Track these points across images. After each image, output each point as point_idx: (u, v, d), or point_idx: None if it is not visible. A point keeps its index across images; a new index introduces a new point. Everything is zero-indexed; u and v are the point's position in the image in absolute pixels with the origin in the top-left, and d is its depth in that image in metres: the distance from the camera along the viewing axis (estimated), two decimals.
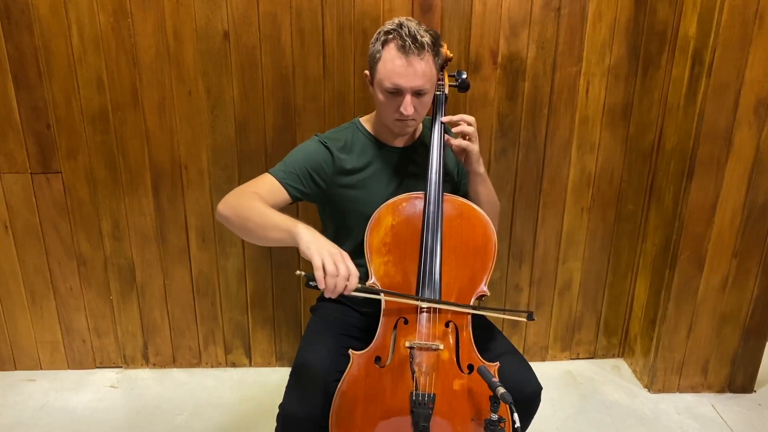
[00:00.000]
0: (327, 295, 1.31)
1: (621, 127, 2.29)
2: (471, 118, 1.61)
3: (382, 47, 1.51)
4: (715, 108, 2.04)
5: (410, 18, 1.55)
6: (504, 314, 1.55)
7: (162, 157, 2.21)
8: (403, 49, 1.47)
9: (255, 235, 1.46)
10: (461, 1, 2.09)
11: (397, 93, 1.52)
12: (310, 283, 1.30)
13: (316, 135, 1.68)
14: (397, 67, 1.48)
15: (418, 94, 1.52)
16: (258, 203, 1.49)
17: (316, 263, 1.29)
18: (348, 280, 1.31)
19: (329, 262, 1.29)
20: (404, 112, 1.52)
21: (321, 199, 1.70)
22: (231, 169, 2.24)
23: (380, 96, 1.55)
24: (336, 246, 1.33)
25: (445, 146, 1.64)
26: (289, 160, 1.64)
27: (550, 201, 2.37)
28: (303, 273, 1.33)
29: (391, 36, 1.49)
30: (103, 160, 2.21)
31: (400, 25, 1.49)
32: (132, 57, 2.09)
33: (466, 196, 1.70)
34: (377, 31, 1.54)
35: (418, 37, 1.47)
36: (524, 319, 1.58)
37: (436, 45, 1.52)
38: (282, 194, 1.60)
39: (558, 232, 2.42)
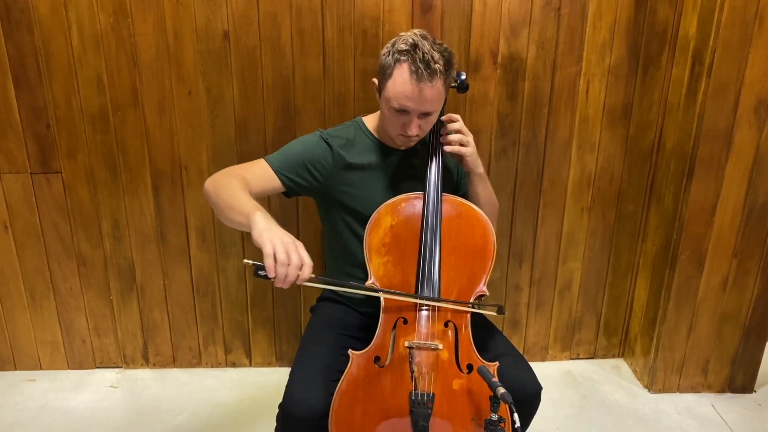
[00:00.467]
0: (277, 285, 1.26)
1: (621, 127, 2.29)
2: (458, 123, 1.61)
3: (394, 65, 1.48)
4: (715, 108, 2.04)
5: (425, 35, 1.51)
6: (473, 308, 1.54)
7: (162, 157, 2.21)
8: (416, 74, 1.45)
9: (223, 215, 1.46)
10: (461, 1, 2.09)
11: (403, 113, 1.52)
12: (259, 272, 1.25)
13: (318, 130, 1.69)
14: (407, 91, 1.47)
15: (424, 115, 1.53)
16: (236, 184, 1.48)
17: (267, 251, 1.24)
18: (300, 269, 1.27)
19: (281, 251, 1.24)
20: (409, 133, 1.53)
21: (319, 194, 1.70)
22: None
23: (386, 111, 1.55)
24: (290, 235, 1.30)
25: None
26: (286, 150, 1.64)
27: (550, 201, 2.37)
28: (251, 261, 1.27)
29: (404, 57, 1.46)
30: (103, 160, 2.21)
31: (415, 47, 1.45)
32: (132, 57, 2.09)
33: (465, 196, 1.70)
34: (391, 42, 1.52)
35: (431, 63, 1.44)
36: (494, 314, 1.57)
37: (449, 69, 1.50)
38: (274, 182, 1.59)
39: (558, 232, 2.42)
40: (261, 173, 1.59)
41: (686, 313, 2.30)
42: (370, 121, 1.73)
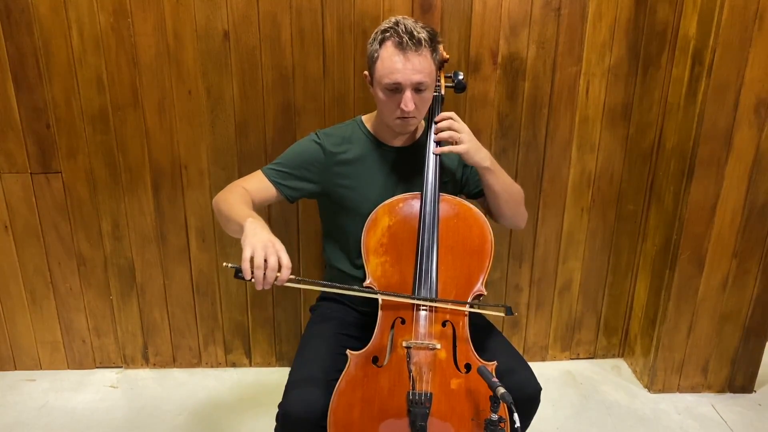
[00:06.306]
0: (258, 288, 1.31)
1: (621, 127, 2.29)
2: (447, 120, 1.58)
3: (380, 46, 1.51)
4: (715, 108, 2.03)
5: (407, 17, 1.55)
6: (479, 309, 1.54)
7: (162, 156, 2.22)
8: (401, 45, 1.47)
9: (226, 229, 1.53)
10: (461, 1, 2.09)
11: (397, 90, 1.52)
12: (238, 274, 1.31)
13: (315, 132, 1.70)
14: (395, 63, 1.49)
15: (417, 90, 1.52)
16: (235, 197, 1.55)
17: (245, 255, 1.29)
18: (279, 271, 1.31)
19: (259, 254, 1.29)
20: (405, 108, 1.52)
21: (317, 196, 1.71)
22: (231, 169, 2.24)
23: (381, 94, 1.55)
24: (273, 238, 1.34)
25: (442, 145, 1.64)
26: (281, 158, 1.68)
27: (550, 201, 2.37)
28: (230, 264, 1.33)
29: (388, 34, 1.50)
30: (103, 160, 2.21)
31: (397, 23, 1.50)
32: (132, 57, 2.09)
33: (479, 194, 1.71)
34: (375, 31, 1.55)
35: (415, 33, 1.48)
36: (502, 314, 1.56)
37: (433, 41, 1.52)
38: (270, 191, 1.64)
39: (558, 232, 2.42)
40: (259, 185, 1.64)
41: (686, 313, 2.30)
42: (369, 119, 1.74)
